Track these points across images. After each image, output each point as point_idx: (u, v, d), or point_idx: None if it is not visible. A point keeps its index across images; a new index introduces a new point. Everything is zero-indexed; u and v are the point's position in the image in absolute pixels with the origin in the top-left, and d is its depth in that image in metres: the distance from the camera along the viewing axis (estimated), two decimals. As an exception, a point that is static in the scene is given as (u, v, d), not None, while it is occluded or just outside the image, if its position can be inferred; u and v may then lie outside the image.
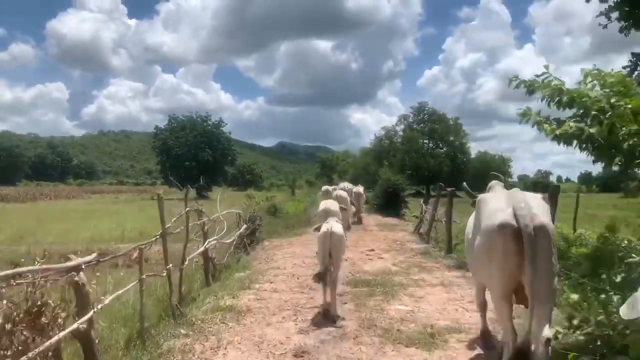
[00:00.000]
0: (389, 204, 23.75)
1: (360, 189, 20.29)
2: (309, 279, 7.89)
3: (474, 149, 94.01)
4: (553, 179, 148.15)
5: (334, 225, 6.25)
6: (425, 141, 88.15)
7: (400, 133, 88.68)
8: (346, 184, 20.37)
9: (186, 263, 6.73)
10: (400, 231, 15.39)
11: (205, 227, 8.09)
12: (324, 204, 8.30)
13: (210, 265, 8.20)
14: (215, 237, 8.68)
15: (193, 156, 61.79)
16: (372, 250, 11.03)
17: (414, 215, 15.17)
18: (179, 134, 64.05)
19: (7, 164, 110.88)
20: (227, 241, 9.53)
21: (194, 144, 62.54)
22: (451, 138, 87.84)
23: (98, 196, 67.26)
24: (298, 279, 8.10)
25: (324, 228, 6.17)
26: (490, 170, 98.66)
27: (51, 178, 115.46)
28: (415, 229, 14.31)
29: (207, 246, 7.91)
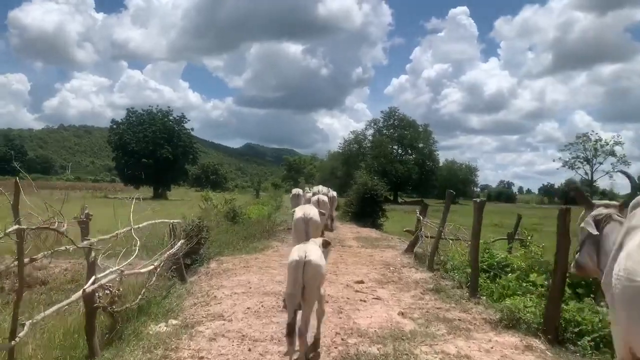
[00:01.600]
0: (365, 211, 20.77)
1: (334, 192, 17.34)
2: (269, 344, 4.68)
3: (440, 157, 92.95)
4: (514, 190, 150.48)
5: (310, 250, 4.53)
6: (394, 147, 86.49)
7: (370, 137, 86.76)
8: (322, 187, 17.31)
9: (22, 334, 3.39)
10: (387, 248, 12.28)
11: (93, 255, 4.73)
12: (301, 211, 7.27)
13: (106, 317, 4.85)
14: (120, 266, 5.30)
15: (151, 153, 57.36)
16: (361, 282, 7.83)
17: (406, 230, 12.12)
18: (136, 128, 59.53)
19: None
20: (144, 270, 6.13)
21: (152, 140, 58.13)
22: (420, 145, 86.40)
23: (49, 191, 62.92)
24: (250, 349, 4.75)
25: (295, 254, 4.49)
26: (458, 178, 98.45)
27: (3, 172, 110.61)
28: (408, 248, 11.24)
29: (93, 286, 4.57)
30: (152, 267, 6.35)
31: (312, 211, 7.57)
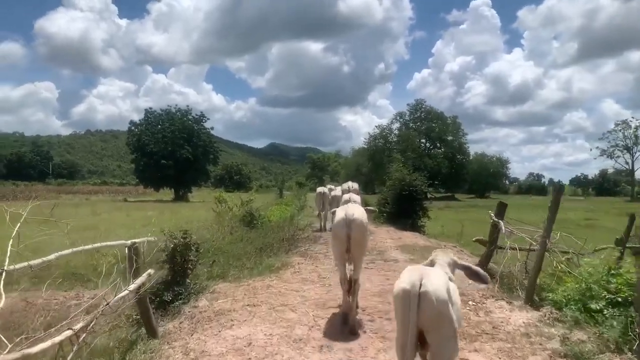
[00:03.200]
0: (403, 211, 17.63)
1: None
2: None
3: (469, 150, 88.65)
4: (545, 182, 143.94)
5: (429, 275, 3.19)
6: (422, 140, 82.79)
7: (396, 132, 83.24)
8: (351, 183, 14.39)
9: None
10: (446, 263, 9.17)
11: None
12: (343, 211, 5.46)
13: None
14: None
15: (170, 154, 55.14)
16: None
17: (477, 240, 8.84)
18: (154, 129, 57.49)
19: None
20: (44, 346, 3.18)
21: (171, 140, 55.89)
22: (449, 137, 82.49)
23: (70, 196, 62.32)
24: None
25: (406, 278, 3.23)
26: (488, 172, 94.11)
27: (30, 177, 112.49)
28: (479, 264, 8.05)
29: None
30: (60, 337, 3.40)
31: (356, 211, 5.45)
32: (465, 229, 16.43)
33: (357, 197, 11.72)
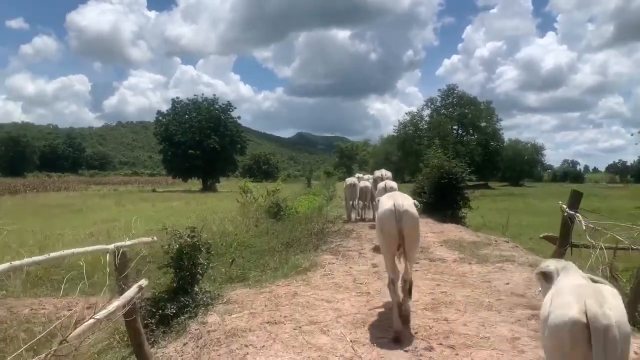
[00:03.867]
0: (443, 201, 16.14)
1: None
2: None
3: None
4: (580, 169, 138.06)
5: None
6: (454, 127, 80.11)
7: (427, 119, 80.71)
8: (385, 171, 13.38)
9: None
10: (504, 262, 7.66)
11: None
12: (391, 200, 4.77)
13: None
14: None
15: (197, 143, 54.59)
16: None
17: (544, 236, 7.21)
18: (182, 118, 57.04)
19: (14, 154, 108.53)
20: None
21: (199, 130, 55.28)
22: (483, 124, 79.45)
23: (99, 187, 63.19)
24: None
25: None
26: (523, 159, 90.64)
27: (63, 169, 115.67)
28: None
29: None
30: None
31: (405, 201, 4.82)
32: (510, 220, 15.01)
33: (395, 184, 10.54)
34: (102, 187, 65.84)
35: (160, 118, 58.32)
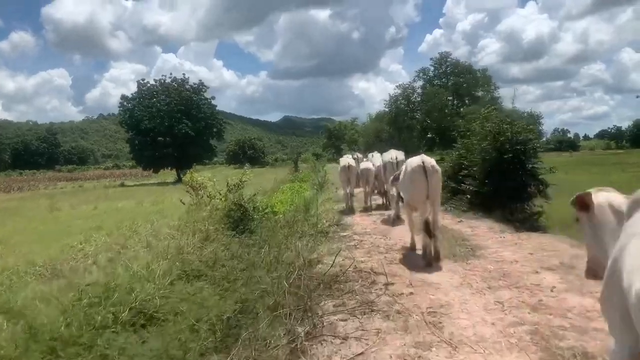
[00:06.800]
0: (506, 191, 10.17)
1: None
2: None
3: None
4: (570, 137, 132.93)
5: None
6: (449, 98, 74.44)
7: (419, 90, 74.87)
8: (394, 151, 11.08)
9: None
10: None
11: None
12: (420, 159, 6.41)
13: None
14: None
15: (167, 129, 48.45)
16: None
17: None
18: (148, 102, 50.62)
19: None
20: None
21: (168, 115, 49.10)
22: (479, 93, 73.84)
23: (68, 183, 57.84)
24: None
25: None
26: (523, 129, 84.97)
27: (39, 166, 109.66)
28: None
29: None
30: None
31: (432, 160, 6.50)
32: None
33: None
34: (72, 183, 60.10)
35: (125, 103, 51.79)
